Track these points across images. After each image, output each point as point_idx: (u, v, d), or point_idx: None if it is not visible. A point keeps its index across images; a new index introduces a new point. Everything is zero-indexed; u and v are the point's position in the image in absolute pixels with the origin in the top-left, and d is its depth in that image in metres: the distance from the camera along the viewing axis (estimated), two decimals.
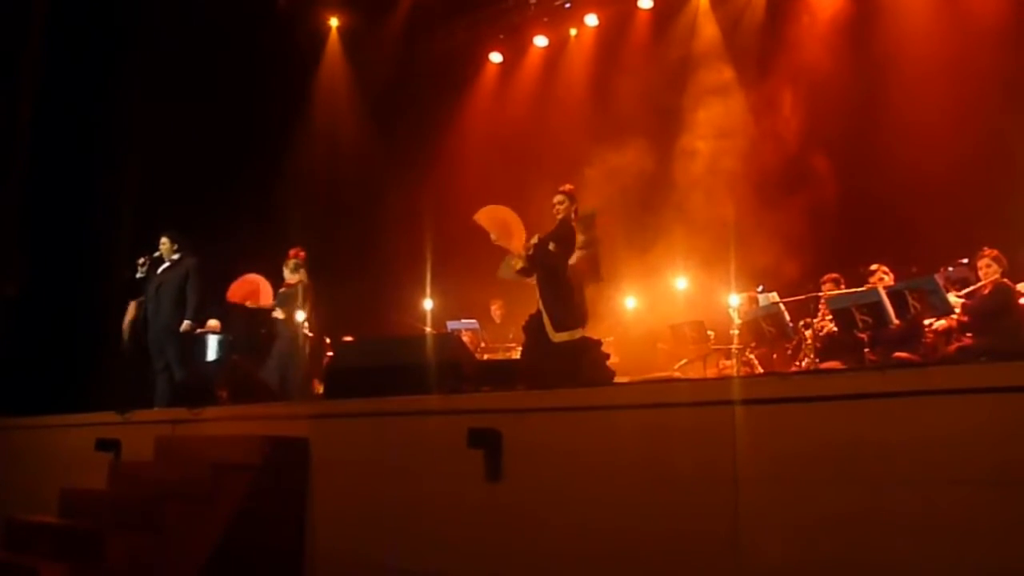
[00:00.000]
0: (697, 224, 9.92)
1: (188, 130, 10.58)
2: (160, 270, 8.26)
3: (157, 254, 8.32)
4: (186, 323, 8.13)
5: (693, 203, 10.05)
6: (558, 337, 6.62)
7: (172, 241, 8.30)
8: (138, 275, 8.24)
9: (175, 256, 8.29)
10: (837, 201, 9.42)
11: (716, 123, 10.62)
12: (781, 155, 9.87)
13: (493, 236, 7.15)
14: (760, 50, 11.02)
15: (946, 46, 9.36)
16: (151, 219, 9.43)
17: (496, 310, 10.32)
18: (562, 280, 6.78)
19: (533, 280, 6.98)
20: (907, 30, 9.85)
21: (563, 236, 6.80)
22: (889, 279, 7.42)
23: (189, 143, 10.65)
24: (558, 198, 6.90)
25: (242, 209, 10.95)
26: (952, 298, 6.86)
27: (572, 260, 7.22)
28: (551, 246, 6.73)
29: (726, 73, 11.08)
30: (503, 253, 7.26)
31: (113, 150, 10.83)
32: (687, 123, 10.76)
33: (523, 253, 6.89)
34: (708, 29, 11.74)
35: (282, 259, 8.97)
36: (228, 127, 11.09)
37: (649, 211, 10.42)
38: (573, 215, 6.90)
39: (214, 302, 8.94)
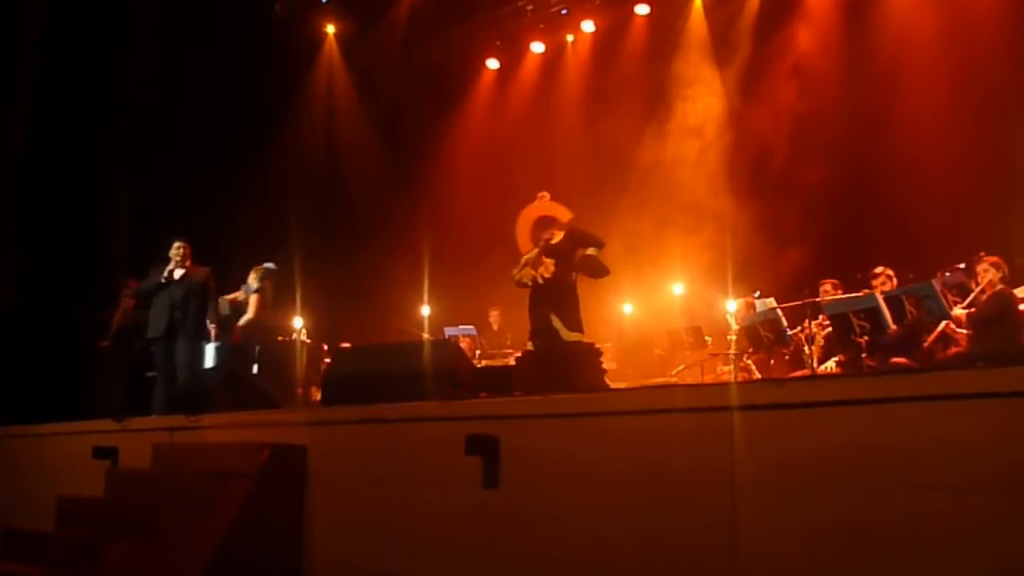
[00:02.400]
0: (694, 229, 9.93)
1: (184, 136, 10.58)
2: (179, 276, 8.07)
3: (176, 258, 8.12)
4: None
5: (690, 208, 10.07)
6: (572, 336, 6.74)
7: (186, 246, 8.14)
8: (163, 279, 8.02)
9: (187, 262, 8.15)
10: (835, 206, 9.43)
11: (714, 128, 10.66)
12: (779, 161, 9.90)
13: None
14: (758, 56, 11.05)
15: (946, 50, 9.38)
16: (147, 226, 9.39)
17: (495, 318, 10.32)
18: (574, 285, 6.92)
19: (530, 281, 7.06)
20: (906, 35, 9.87)
21: (596, 240, 7.05)
22: (893, 283, 7.44)
23: (185, 149, 10.66)
24: (547, 235, 7.08)
25: (237, 215, 10.94)
26: (958, 311, 6.88)
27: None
28: (591, 251, 6.95)
29: (725, 77, 11.12)
30: (500, 260, 7.34)
31: (110, 156, 10.82)
32: (685, 127, 10.79)
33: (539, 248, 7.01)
34: (705, 33, 11.76)
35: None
36: (224, 133, 11.11)
37: (646, 215, 10.44)
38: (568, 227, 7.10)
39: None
